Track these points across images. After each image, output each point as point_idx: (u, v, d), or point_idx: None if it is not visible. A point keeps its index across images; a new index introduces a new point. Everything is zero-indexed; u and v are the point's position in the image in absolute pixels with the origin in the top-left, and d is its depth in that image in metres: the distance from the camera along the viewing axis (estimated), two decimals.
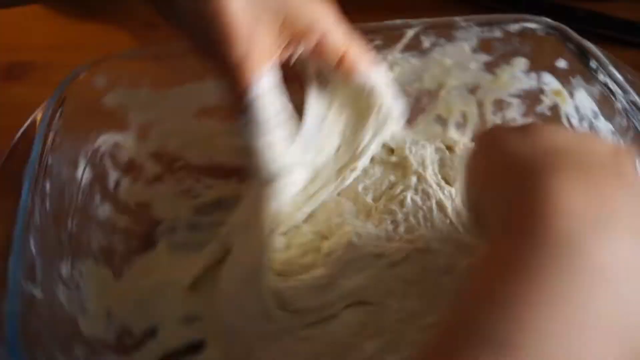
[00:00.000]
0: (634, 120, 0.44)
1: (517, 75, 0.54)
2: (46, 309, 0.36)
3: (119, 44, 0.71)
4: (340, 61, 0.43)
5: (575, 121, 0.51)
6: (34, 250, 0.37)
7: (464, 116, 0.56)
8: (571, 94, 0.51)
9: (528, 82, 0.54)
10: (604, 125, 0.47)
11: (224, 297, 0.42)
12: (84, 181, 0.48)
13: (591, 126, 0.49)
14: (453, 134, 0.56)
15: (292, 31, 0.40)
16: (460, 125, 0.56)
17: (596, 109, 0.48)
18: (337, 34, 0.42)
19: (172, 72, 0.53)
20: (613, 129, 0.47)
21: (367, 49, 0.45)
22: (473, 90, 0.55)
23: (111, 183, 0.52)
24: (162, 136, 0.54)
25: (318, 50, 0.42)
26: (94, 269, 0.45)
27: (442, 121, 0.56)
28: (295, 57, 0.42)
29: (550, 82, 0.53)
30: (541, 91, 0.54)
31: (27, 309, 0.34)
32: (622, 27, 0.67)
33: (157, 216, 0.53)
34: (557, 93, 0.53)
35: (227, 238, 0.46)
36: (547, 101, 0.54)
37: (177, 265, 0.48)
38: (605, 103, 0.47)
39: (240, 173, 0.56)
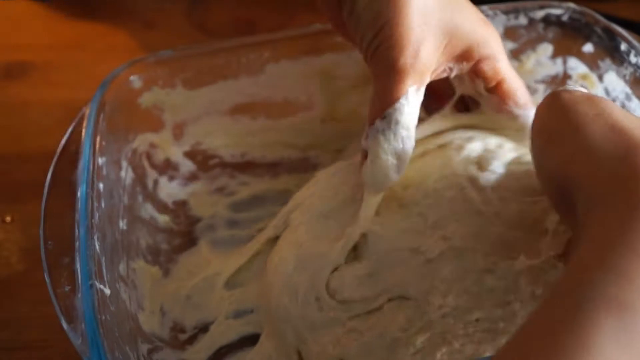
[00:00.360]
0: None
1: (543, 62, 0.55)
2: (114, 305, 0.37)
3: (119, 44, 0.71)
4: (497, 87, 0.43)
5: None
6: (98, 248, 0.37)
7: None
8: (600, 77, 0.52)
9: (554, 67, 0.55)
10: (636, 106, 0.48)
11: (275, 285, 0.42)
12: (127, 181, 0.48)
13: (623, 107, 0.50)
14: None
15: (455, 50, 0.41)
16: None
17: (629, 90, 0.49)
18: (501, 62, 0.42)
19: (205, 71, 0.53)
20: None
21: (524, 83, 0.45)
22: None
23: (150, 183, 0.52)
24: (196, 135, 0.55)
25: (476, 71, 0.42)
26: (145, 267, 0.45)
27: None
28: (453, 75, 0.42)
29: (576, 66, 0.54)
30: (568, 76, 0.55)
31: (100, 304, 0.34)
32: (623, 27, 0.67)
33: (195, 214, 0.53)
34: (584, 77, 0.54)
35: (278, 224, 0.46)
36: (574, 86, 0.54)
37: (221, 262, 0.49)
38: (639, 84, 0.48)
39: (272, 169, 0.57)
